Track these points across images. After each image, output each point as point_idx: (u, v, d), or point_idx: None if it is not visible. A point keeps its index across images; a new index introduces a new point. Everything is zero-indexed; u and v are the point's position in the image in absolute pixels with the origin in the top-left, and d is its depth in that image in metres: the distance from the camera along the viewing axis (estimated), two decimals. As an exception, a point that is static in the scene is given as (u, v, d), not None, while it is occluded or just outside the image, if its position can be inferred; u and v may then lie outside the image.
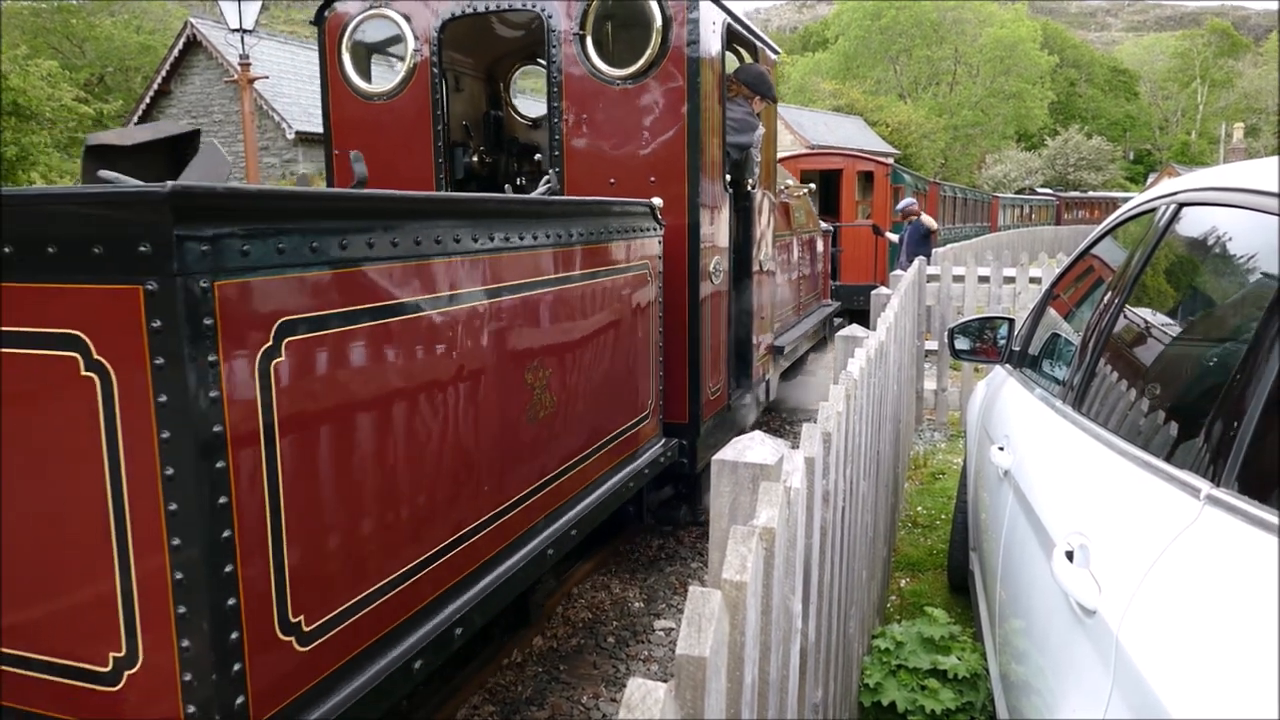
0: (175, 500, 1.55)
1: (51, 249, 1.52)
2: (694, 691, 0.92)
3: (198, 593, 1.57)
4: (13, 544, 1.68)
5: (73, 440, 1.60)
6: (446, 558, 2.33)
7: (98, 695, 1.66)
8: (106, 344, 1.54)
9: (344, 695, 1.91)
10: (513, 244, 2.66)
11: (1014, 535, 2.26)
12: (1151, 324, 2.12)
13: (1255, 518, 1.16)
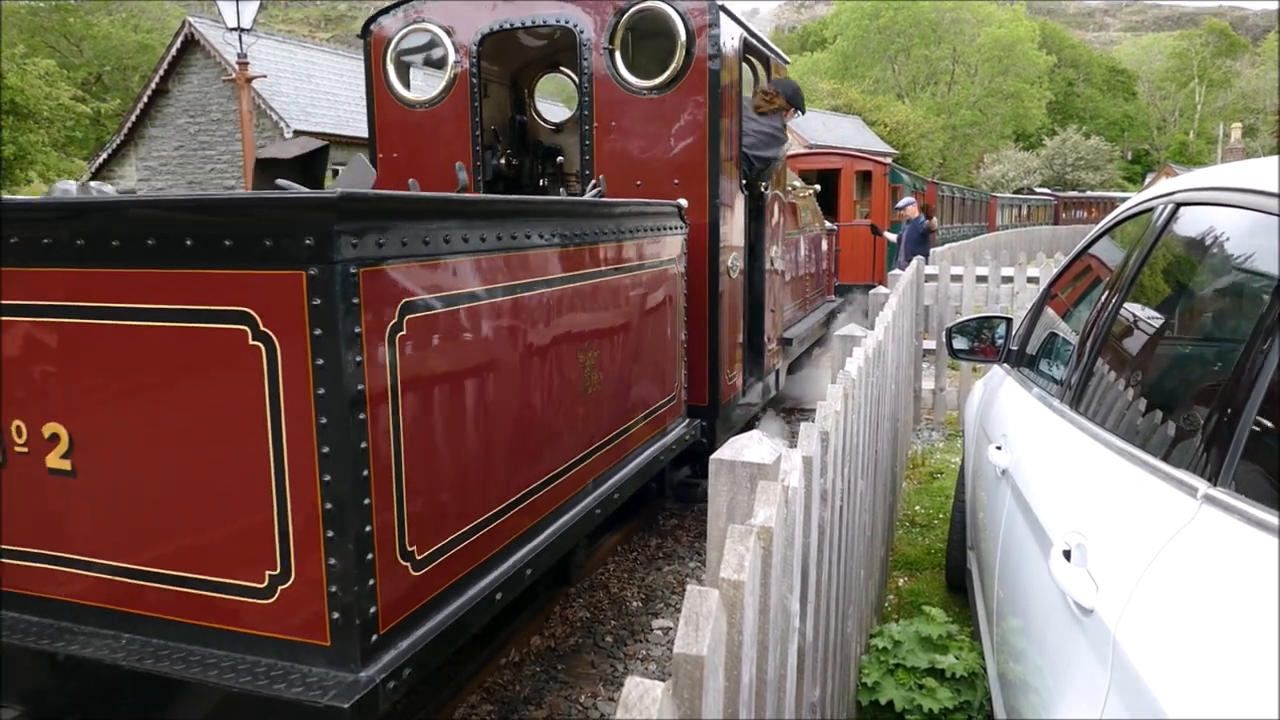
0: (327, 444, 1.90)
1: (228, 242, 1.88)
2: (692, 690, 0.93)
3: (343, 520, 1.92)
4: (186, 484, 2.03)
5: (240, 397, 1.94)
6: (520, 507, 2.70)
7: (254, 607, 2.00)
8: (272, 318, 1.89)
9: (441, 617, 2.25)
10: (573, 240, 3.06)
11: (1012, 534, 2.27)
12: (1149, 323, 2.12)
13: (1252, 517, 1.16)
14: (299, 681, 1.92)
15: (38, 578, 2.22)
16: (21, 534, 2.23)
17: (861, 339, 3.00)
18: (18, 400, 2.17)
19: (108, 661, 2.06)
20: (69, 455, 2.13)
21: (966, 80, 55.80)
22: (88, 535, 2.16)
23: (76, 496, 2.14)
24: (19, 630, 2.18)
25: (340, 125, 21.79)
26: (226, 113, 21.39)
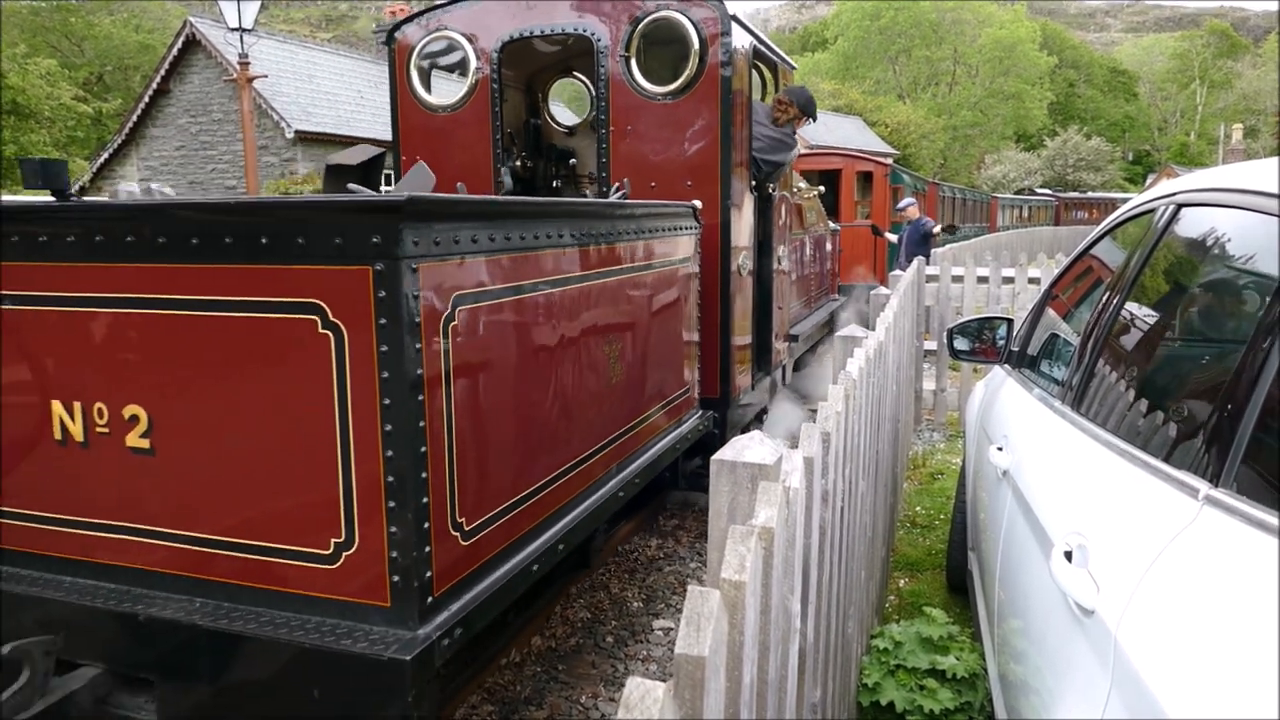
0: (390, 423, 2.07)
1: (300, 240, 2.07)
2: (693, 691, 0.93)
3: (403, 492, 2.10)
4: (257, 460, 2.22)
5: (309, 381, 2.12)
6: (553, 487, 2.90)
7: (320, 571, 2.19)
8: (340, 309, 2.07)
9: (485, 585, 2.43)
10: (601, 239, 3.26)
11: (1013, 535, 2.27)
12: (1150, 324, 2.12)
13: (1254, 518, 1.16)
14: (363, 638, 2.10)
15: (116, 548, 2.39)
16: (101, 508, 2.40)
17: (863, 340, 3.00)
18: (100, 385, 2.34)
19: (185, 621, 2.23)
20: (148, 435, 2.31)
21: (967, 81, 55.76)
22: (164, 508, 2.34)
23: (154, 473, 2.32)
24: (99, 595, 2.35)
25: (340, 125, 21.80)
26: (228, 113, 21.40)
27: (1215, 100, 69.19)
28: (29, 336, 2.41)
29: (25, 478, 2.49)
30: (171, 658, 2.28)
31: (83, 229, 2.29)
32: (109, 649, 2.36)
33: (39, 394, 2.41)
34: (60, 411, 2.38)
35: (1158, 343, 2.06)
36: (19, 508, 2.50)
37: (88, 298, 2.32)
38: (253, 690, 2.22)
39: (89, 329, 2.34)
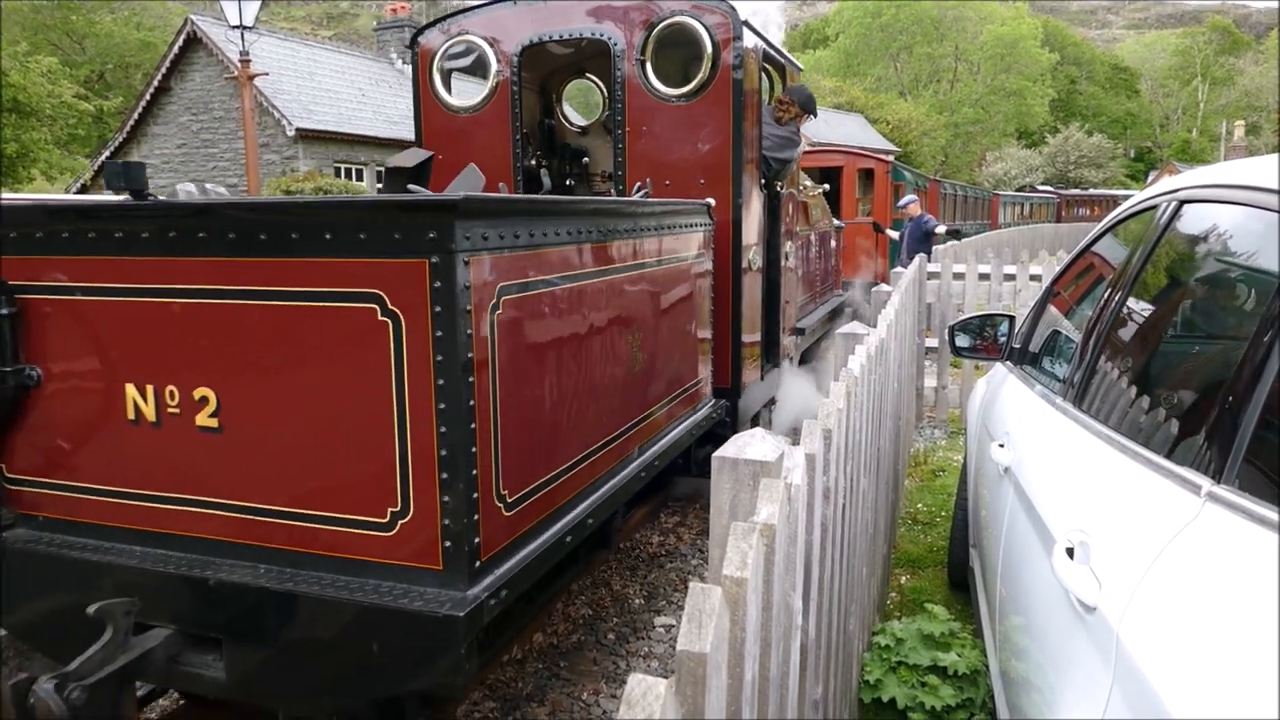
0: (444, 401, 2.26)
1: (362, 235, 2.25)
2: (695, 687, 0.93)
3: (455, 465, 2.28)
4: (319, 437, 2.40)
5: (369, 364, 2.30)
6: (583, 465, 3.10)
7: (375, 539, 2.37)
8: (398, 298, 2.25)
9: (524, 553, 2.63)
10: (628, 235, 3.48)
11: (1014, 532, 2.27)
12: (1152, 321, 2.12)
13: (1256, 515, 1.16)
14: (418, 598, 2.30)
15: (185, 519, 2.59)
16: (172, 482, 2.60)
17: (864, 337, 3.00)
18: (172, 369, 2.53)
19: (253, 585, 2.43)
20: (216, 414, 2.50)
21: (969, 78, 55.66)
22: (230, 482, 2.52)
23: (222, 449, 2.51)
24: (171, 562, 2.56)
25: (341, 123, 21.80)
26: (229, 110, 21.39)
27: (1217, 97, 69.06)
28: (105, 325, 2.60)
29: (100, 456, 2.68)
30: (239, 618, 2.48)
31: (158, 226, 2.49)
32: (180, 611, 2.54)
33: (114, 379, 2.60)
34: (134, 394, 2.58)
35: (1160, 339, 2.06)
36: (95, 483, 2.70)
37: (162, 289, 2.51)
38: (315, 646, 2.42)
39: (163, 318, 2.52)
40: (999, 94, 54.50)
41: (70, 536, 2.73)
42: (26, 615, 2.79)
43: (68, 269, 2.62)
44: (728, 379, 4.92)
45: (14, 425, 2.76)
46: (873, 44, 56.47)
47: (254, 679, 2.51)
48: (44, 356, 2.70)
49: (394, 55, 26.47)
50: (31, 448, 2.78)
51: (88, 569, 2.62)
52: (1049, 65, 56.70)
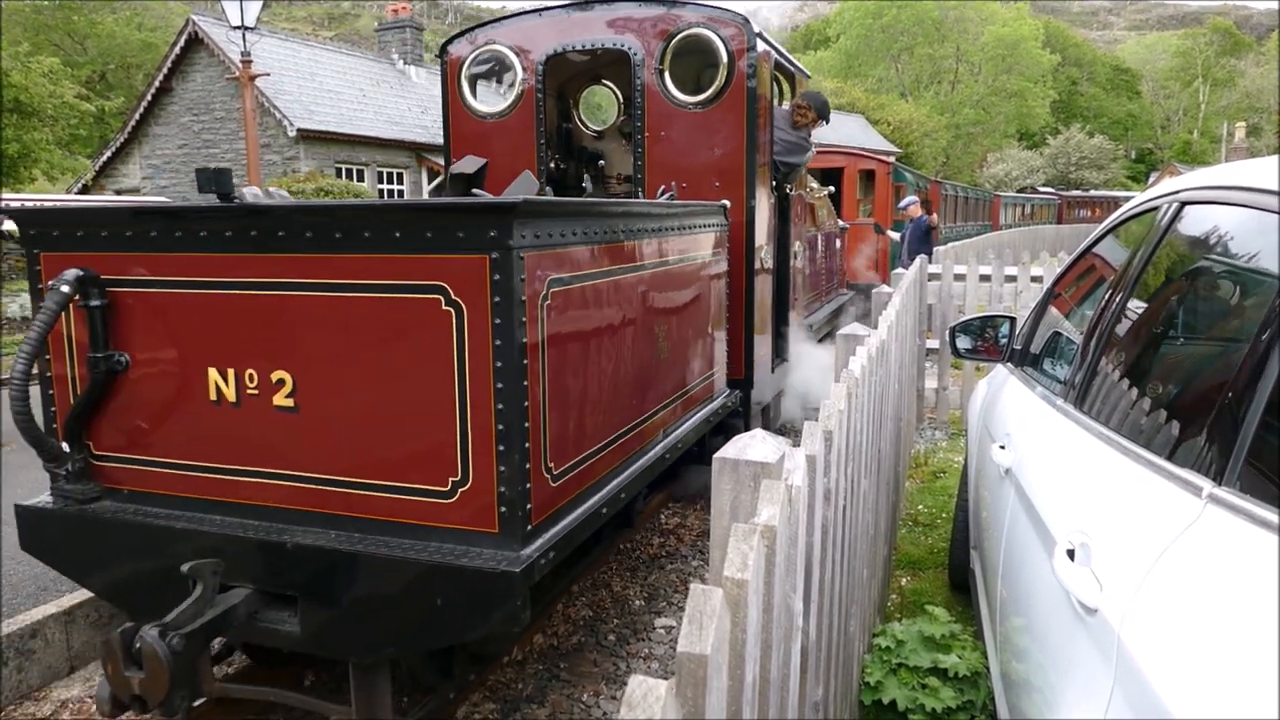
0: (501, 382, 2.53)
1: (429, 234, 2.52)
2: (695, 689, 0.92)
3: (511, 438, 2.55)
4: (387, 415, 2.65)
5: (433, 349, 2.57)
6: (617, 444, 3.39)
7: (437, 505, 2.64)
8: (460, 290, 2.52)
9: (567, 521, 2.90)
10: (654, 234, 3.74)
11: (1015, 533, 2.26)
12: (1153, 322, 2.12)
13: (1257, 517, 1.16)
14: (477, 557, 2.57)
15: (262, 490, 2.85)
16: (250, 457, 2.87)
17: (865, 338, 3.00)
18: (251, 354, 2.80)
19: (327, 547, 2.69)
20: (292, 395, 2.76)
21: (970, 79, 55.65)
22: (304, 456, 2.79)
23: (296, 427, 2.78)
24: (250, 529, 2.82)
25: (343, 123, 21.80)
26: (230, 111, 21.40)
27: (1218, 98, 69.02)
28: (190, 315, 2.87)
29: (182, 434, 2.95)
30: (313, 578, 2.73)
31: (241, 225, 2.75)
32: (259, 572, 2.80)
33: (197, 363, 2.87)
34: (215, 377, 2.85)
35: (1161, 340, 2.06)
36: (177, 458, 2.97)
37: (243, 282, 2.78)
38: (383, 602, 2.67)
39: (244, 308, 2.79)
40: (1000, 95, 54.48)
41: (153, 507, 3.00)
42: (112, 578, 3.07)
43: (155, 265, 2.89)
44: (741, 371, 5.16)
45: (102, 407, 3.03)
46: (874, 45, 56.46)
47: (326, 633, 2.77)
48: (131, 344, 2.96)
49: (395, 56, 26.49)
50: (117, 427, 3.04)
51: (172, 535, 2.89)
52: (1050, 66, 56.68)
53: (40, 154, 22.17)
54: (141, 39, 36.33)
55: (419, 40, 27.35)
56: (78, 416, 3.04)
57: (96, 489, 3.07)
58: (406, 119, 24.26)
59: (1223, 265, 1.81)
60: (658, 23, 5.16)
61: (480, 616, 2.58)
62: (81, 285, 2.88)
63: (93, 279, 2.90)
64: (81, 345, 3.00)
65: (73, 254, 2.98)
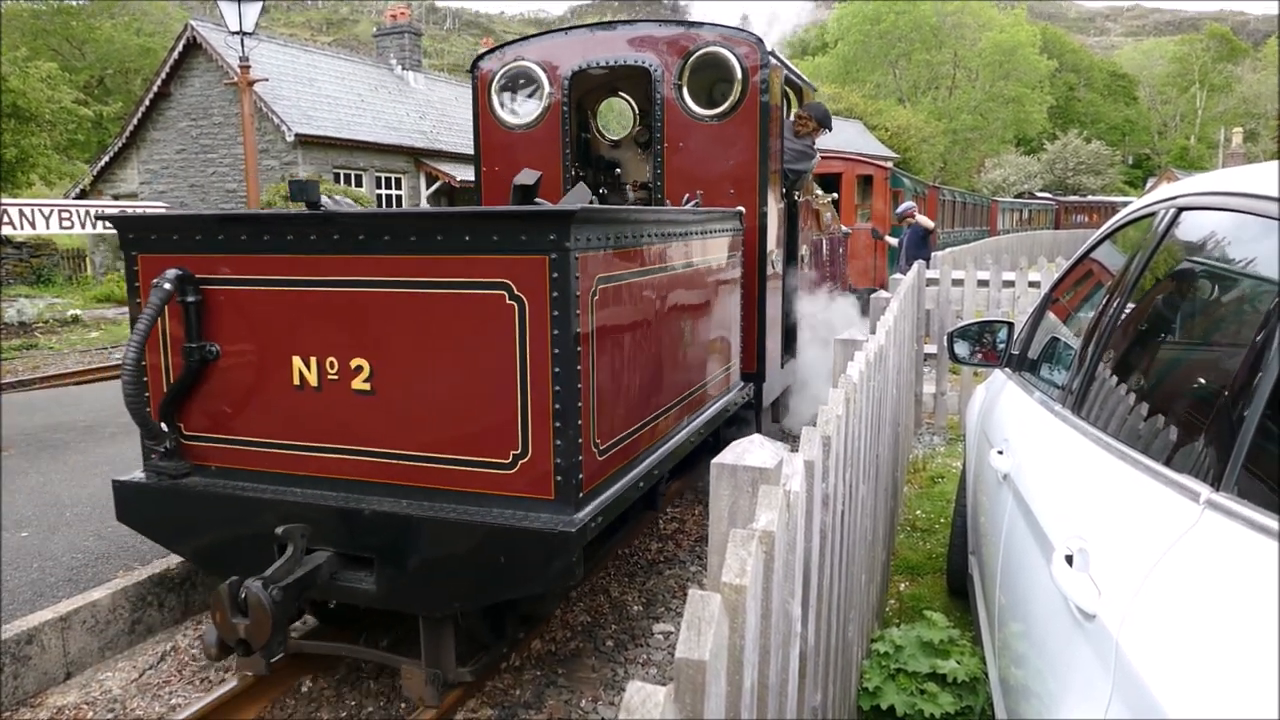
0: (558, 367, 2.88)
1: (495, 237, 2.88)
2: (693, 695, 0.92)
3: (566, 416, 2.91)
4: (456, 397, 3.02)
5: (498, 338, 2.92)
6: (650, 426, 3.73)
7: (500, 476, 3.01)
8: (523, 286, 2.88)
9: (610, 492, 3.23)
10: (684, 238, 4.12)
11: (1013, 539, 2.26)
12: (1151, 328, 2.12)
13: (1255, 522, 1.16)
14: (536, 520, 2.94)
15: (341, 464, 3.22)
16: (330, 435, 3.22)
17: (862, 343, 3.00)
18: (332, 344, 3.15)
19: (401, 513, 3.05)
20: (369, 379, 3.13)
21: (967, 85, 55.75)
22: (379, 433, 3.14)
23: (373, 408, 3.14)
24: (330, 498, 3.19)
25: (341, 128, 21.81)
26: (228, 116, 21.40)
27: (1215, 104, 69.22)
28: (276, 309, 3.22)
29: (267, 415, 3.31)
30: (389, 541, 3.09)
31: (324, 230, 3.10)
32: (338, 537, 3.16)
33: (282, 352, 3.22)
34: (299, 364, 3.20)
35: (1158, 346, 2.06)
36: (262, 437, 3.33)
37: (326, 280, 3.13)
38: (450, 560, 3.03)
39: (326, 302, 3.15)
40: (997, 101, 54.58)
41: (239, 481, 3.36)
42: (201, 543, 3.43)
43: (244, 265, 3.25)
44: (754, 365, 5.52)
45: (193, 392, 3.39)
46: (871, 50, 56.55)
47: (400, 590, 3.13)
48: (221, 335, 3.32)
49: (393, 61, 26.51)
50: (207, 410, 3.40)
51: (260, 505, 3.25)
52: (1047, 72, 56.82)
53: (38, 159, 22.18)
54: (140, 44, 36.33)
55: (417, 46, 27.37)
56: (171, 401, 3.39)
57: (187, 466, 3.44)
58: (405, 124, 24.27)
59: (1220, 270, 1.82)
60: (676, 41, 5.50)
61: (540, 572, 2.94)
62: (180, 283, 3.24)
63: (188, 277, 3.26)
64: (175, 337, 3.35)
65: (167, 255, 3.32)
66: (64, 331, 15.23)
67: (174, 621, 4.30)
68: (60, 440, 6.70)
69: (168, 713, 3.55)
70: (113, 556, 4.39)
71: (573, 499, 2.95)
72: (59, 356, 12.95)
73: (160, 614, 4.24)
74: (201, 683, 3.78)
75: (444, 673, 3.34)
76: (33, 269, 20.98)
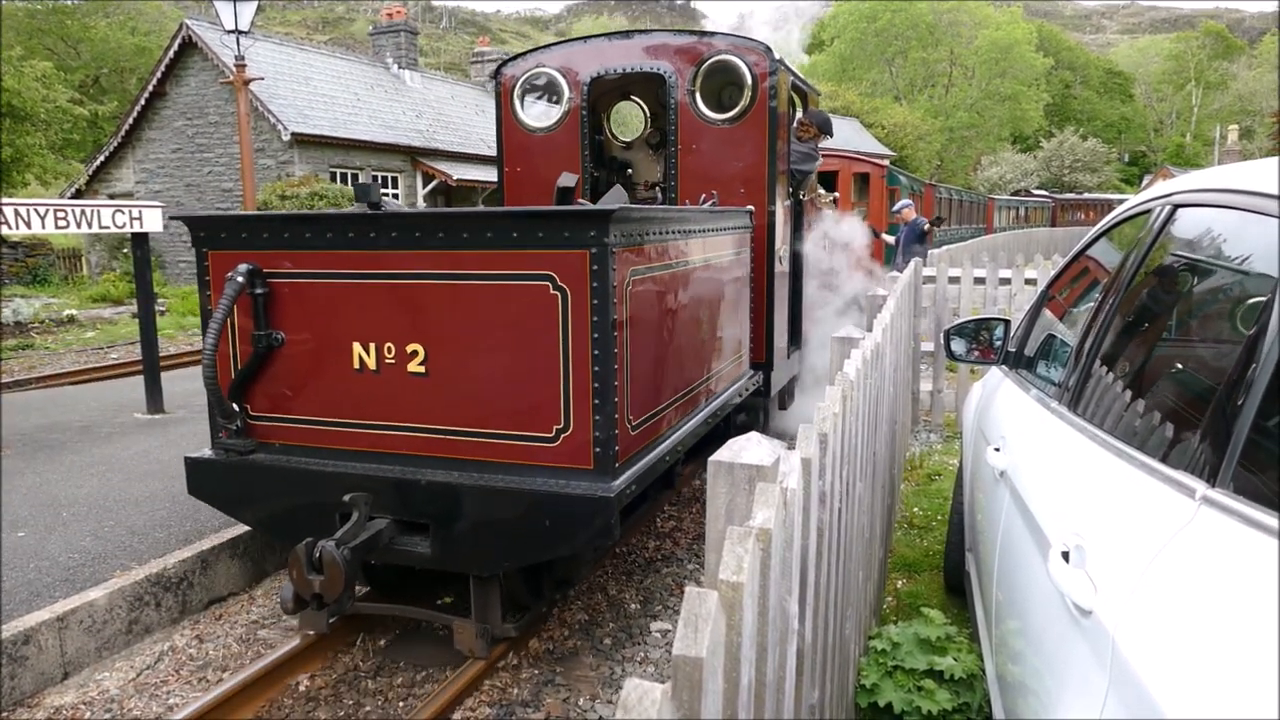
0: (597, 350, 3.22)
1: (540, 234, 3.23)
2: (691, 692, 0.92)
3: (604, 395, 3.25)
4: (504, 377, 3.35)
5: (543, 324, 3.26)
6: (674, 406, 4.05)
7: (544, 448, 3.35)
8: (565, 277, 3.21)
9: (641, 463, 3.56)
10: (702, 235, 4.42)
11: (1010, 536, 2.27)
12: (1147, 325, 2.12)
13: (1251, 518, 1.16)
14: (578, 487, 3.28)
15: (397, 440, 3.55)
16: (388, 414, 3.54)
17: (859, 341, 3.00)
18: (390, 331, 3.47)
19: (455, 483, 3.40)
20: (424, 363, 3.45)
21: (964, 82, 55.77)
22: (433, 411, 3.47)
23: (427, 389, 3.47)
24: (386, 471, 3.51)
25: (337, 127, 21.77)
26: (224, 115, 21.34)
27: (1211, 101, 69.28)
28: (337, 300, 3.54)
29: (328, 396, 3.64)
30: (443, 508, 3.43)
31: (384, 228, 3.43)
32: (396, 505, 3.52)
33: (342, 339, 3.54)
34: (359, 350, 3.53)
35: (1154, 343, 2.07)
36: (323, 416, 3.66)
37: (384, 273, 3.45)
38: (499, 524, 3.37)
39: (384, 293, 3.47)
40: (994, 99, 54.60)
41: (302, 457, 3.69)
42: (265, 512, 3.80)
43: (308, 260, 3.56)
44: (762, 354, 5.85)
45: (258, 376, 3.71)
46: (868, 48, 56.56)
47: (453, 552, 3.48)
48: (286, 324, 3.64)
49: (390, 60, 26.45)
50: (270, 392, 3.73)
51: (323, 478, 3.59)
52: (1043, 70, 56.84)
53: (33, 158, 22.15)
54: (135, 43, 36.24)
55: (413, 44, 27.31)
56: (239, 384, 3.72)
57: (253, 443, 3.77)
58: (401, 123, 24.23)
59: (1216, 267, 1.82)
60: (690, 49, 5.82)
61: (581, 532, 3.28)
62: (250, 277, 3.55)
63: (257, 271, 3.57)
64: (242, 327, 3.66)
65: (236, 252, 3.64)
66: (60, 331, 15.21)
67: (171, 621, 4.29)
68: (57, 440, 6.69)
69: (165, 712, 3.55)
70: (110, 557, 4.39)
71: (610, 468, 3.28)
72: (55, 356, 12.93)
73: (157, 614, 4.23)
74: (199, 683, 3.78)
75: (491, 628, 3.71)
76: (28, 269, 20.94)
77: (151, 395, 7.60)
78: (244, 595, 4.64)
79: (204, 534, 4.68)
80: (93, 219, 6.68)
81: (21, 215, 6.11)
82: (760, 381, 5.77)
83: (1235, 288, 1.68)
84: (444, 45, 73.67)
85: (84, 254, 23.24)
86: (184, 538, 4.63)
